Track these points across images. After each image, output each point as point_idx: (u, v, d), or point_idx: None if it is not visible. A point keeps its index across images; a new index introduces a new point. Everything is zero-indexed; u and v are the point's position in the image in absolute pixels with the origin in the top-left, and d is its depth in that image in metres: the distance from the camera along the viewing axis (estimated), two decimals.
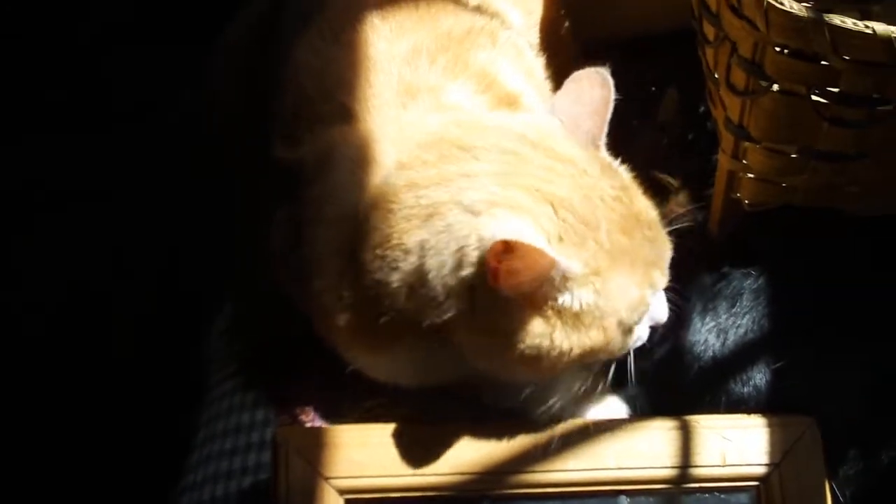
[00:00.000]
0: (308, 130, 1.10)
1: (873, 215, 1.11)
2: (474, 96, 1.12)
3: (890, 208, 1.11)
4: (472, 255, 0.89)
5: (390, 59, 1.11)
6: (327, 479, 0.98)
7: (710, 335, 1.09)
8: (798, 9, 0.93)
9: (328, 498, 0.98)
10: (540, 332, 0.91)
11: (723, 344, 1.08)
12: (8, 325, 1.46)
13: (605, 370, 1.06)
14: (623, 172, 1.00)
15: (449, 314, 0.92)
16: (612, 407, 1.10)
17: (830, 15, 0.92)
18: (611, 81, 0.97)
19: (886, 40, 0.91)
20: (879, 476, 1.10)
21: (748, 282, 1.10)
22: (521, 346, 0.91)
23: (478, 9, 1.23)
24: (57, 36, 1.61)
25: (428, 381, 1.07)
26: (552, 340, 0.91)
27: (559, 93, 1.01)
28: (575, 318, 0.91)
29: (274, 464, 0.99)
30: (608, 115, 0.98)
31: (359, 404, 1.11)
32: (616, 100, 0.98)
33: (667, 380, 1.10)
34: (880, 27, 0.91)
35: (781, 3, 0.93)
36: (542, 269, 0.87)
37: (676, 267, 1.00)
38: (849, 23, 0.91)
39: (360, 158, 1.03)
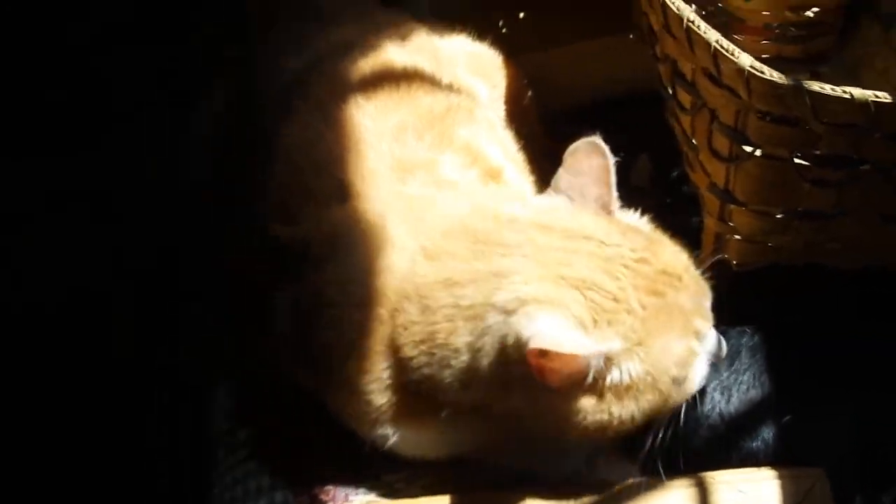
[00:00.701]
0: (303, 206, 1.13)
1: (853, 268, 1.16)
2: (463, 170, 1.16)
3: (868, 261, 1.17)
4: (514, 355, 0.92)
5: (379, 137, 1.15)
6: None
7: (715, 393, 1.12)
8: (778, 76, 0.99)
9: None
10: (597, 410, 0.94)
11: (728, 401, 1.12)
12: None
13: None
14: (644, 227, 1.04)
15: (511, 402, 0.96)
16: (622, 468, 1.13)
17: (810, 82, 0.98)
18: (605, 147, 1.01)
19: (864, 104, 0.97)
20: None
21: (744, 339, 1.15)
22: (584, 423, 0.95)
23: (450, 86, 1.28)
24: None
25: (455, 452, 1.09)
26: (611, 414, 0.95)
27: (560, 170, 1.04)
28: (628, 389, 0.94)
29: None
30: (612, 179, 1.02)
31: (379, 479, 1.12)
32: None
33: (677, 440, 1.13)
34: (857, 92, 0.97)
35: (762, 72, 0.99)
36: (577, 367, 0.91)
37: None
38: (827, 88, 0.98)
39: (373, 238, 1.05)
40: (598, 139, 1.02)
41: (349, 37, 1.30)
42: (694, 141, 1.17)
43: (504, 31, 1.56)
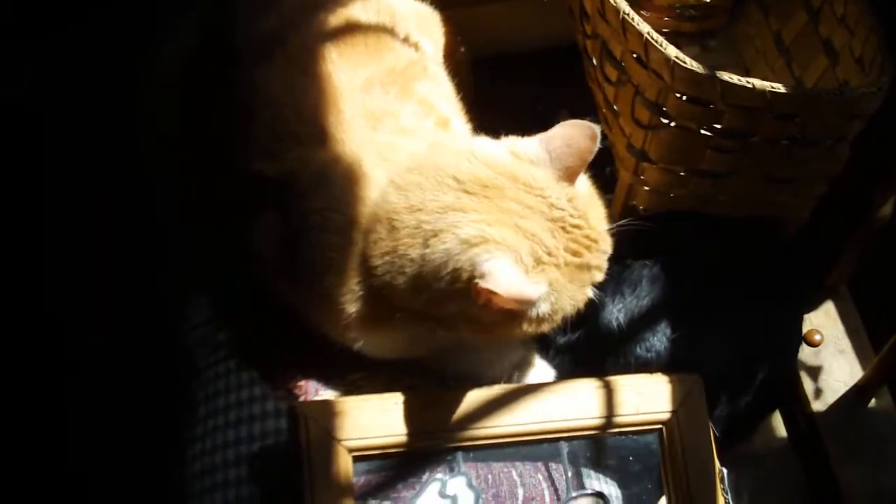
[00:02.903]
0: (287, 149, 1.31)
1: (736, 216, 1.42)
2: (421, 119, 1.36)
3: (746, 211, 1.43)
4: (464, 277, 1.13)
5: (352, 90, 1.33)
6: (339, 441, 1.21)
7: (619, 314, 1.37)
8: (698, 67, 1.23)
9: (340, 456, 1.21)
10: (509, 327, 1.18)
11: (629, 320, 1.38)
12: None
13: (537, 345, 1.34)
14: (587, 197, 1.22)
15: (447, 310, 1.18)
16: (543, 373, 1.39)
17: (721, 72, 1.23)
18: (599, 136, 1.19)
19: (762, 92, 1.22)
20: (738, 415, 1.43)
21: (646, 271, 1.39)
22: (498, 333, 1.20)
23: (406, 42, 1.46)
24: None
25: (410, 354, 1.32)
26: (520, 329, 1.18)
27: (554, 130, 1.21)
28: (538, 319, 1.18)
29: (294, 429, 1.21)
30: (589, 160, 1.20)
31: (344, 378, 1.34)
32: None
33: (587, 351, 1.38)
34: (758, 83, 1.22)
35: (684, 62, 1.23)
36: (517, 308, 1.14)
37: None
38: (735, 78, 1.22)
39: (352, 175, 1.25)
40: (597, 127, 1.19)
41: None
42: (616, 108, 1.41)
43: None
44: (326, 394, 1.32)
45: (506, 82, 1.27)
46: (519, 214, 1.16)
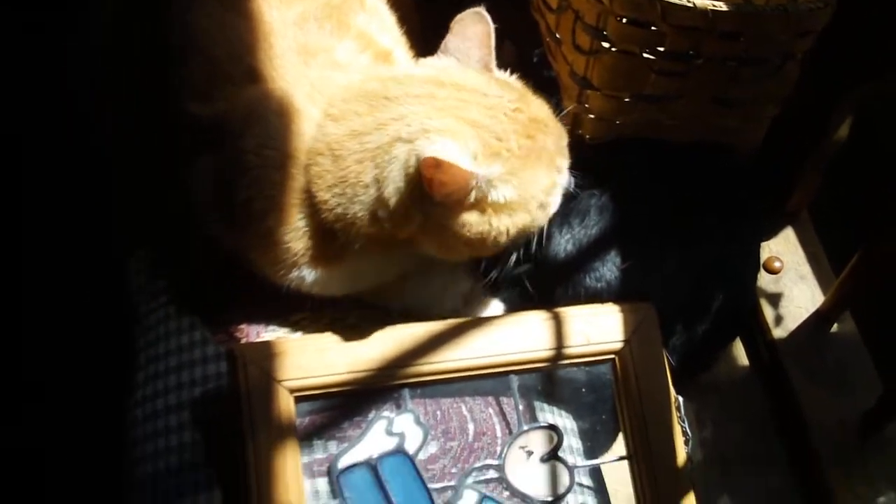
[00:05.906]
0: (219, 89, 1.27)
1: (683, 141, 1.39)
2: (358, 54, 1.33)
3: (697, 136, 1.39)
4: (415, 174, 1.11)
5: (284, 25, 1.30)
6: (279, 381, 1.19)
7: (567, 245, 1.34)
8: None
9: (281, 397, 1.18)
10: (480, 222, 1.16)
11: (578, 250, 1.35)
12: None
13: (485, 277, 1.31)
14: (515, 83, 1.24)
15: (411, 227, 1.16)
16: (492, 307, 1.36)
17: None
18: (488, 17, 1.20)
19: (703, 11, 1.19)
20: (695, 344, 1.41)
21: (593, 200, 1.36)
22: (469, 234, 1.16)
23: None
24: None
25: (360, 289, 1.30)
26: (491, 225, 1.16)
27: (448, 35, 1.23)
28: (504, 207, 1.16)
29: (233, 372, 1.18)
30: (493, 43, 1.21)
31: (286, 319, 1.31)
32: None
33: (536, 283, 1.35)
34: (699, 1, 1.19)
35: None
36: (463, 180, 1.11)
37: None
38: None
39: (284, 112, 1.22)
40: (482, 10, 1.20)
41: None
42: (558, 35, 1.37)
43: None
44: (268, 336, 1.30)
45: (451, 14, 1.24)
46: (457, 108, 1.16)
